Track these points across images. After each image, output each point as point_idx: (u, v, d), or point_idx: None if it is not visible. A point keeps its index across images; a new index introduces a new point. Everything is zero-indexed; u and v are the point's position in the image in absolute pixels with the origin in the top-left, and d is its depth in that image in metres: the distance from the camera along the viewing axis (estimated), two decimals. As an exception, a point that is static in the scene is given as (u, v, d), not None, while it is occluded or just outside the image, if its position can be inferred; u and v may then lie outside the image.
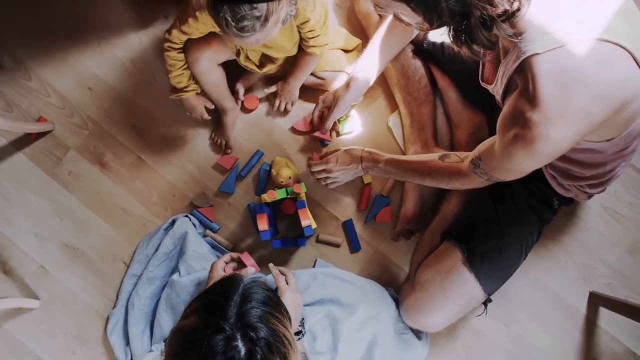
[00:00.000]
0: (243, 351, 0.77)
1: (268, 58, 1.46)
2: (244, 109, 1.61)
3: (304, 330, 1.18)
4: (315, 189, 1.58)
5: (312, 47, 1.41)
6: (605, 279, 1.54)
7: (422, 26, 0.95)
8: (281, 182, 1.51)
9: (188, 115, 1.55)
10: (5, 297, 1.51)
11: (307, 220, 1.42)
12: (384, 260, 1.57)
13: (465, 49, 0.93)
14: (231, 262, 1.39)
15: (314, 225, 1.46)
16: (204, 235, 1.57)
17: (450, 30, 0.93)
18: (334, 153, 1.45)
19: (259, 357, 0.78)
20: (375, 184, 1.58)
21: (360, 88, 1.44)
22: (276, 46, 1.39)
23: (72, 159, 1.62)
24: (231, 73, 1.54)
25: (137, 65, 1.64)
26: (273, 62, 1.47)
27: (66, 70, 1.64)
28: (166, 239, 1.53)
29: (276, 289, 1.25)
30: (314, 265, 1.56)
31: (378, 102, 1.61)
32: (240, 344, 0.78)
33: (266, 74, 1.54)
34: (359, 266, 1.57)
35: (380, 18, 1.45)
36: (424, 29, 0.97)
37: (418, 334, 1.48)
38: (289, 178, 1.52)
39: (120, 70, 1.64)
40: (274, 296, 0.90)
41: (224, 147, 1.59)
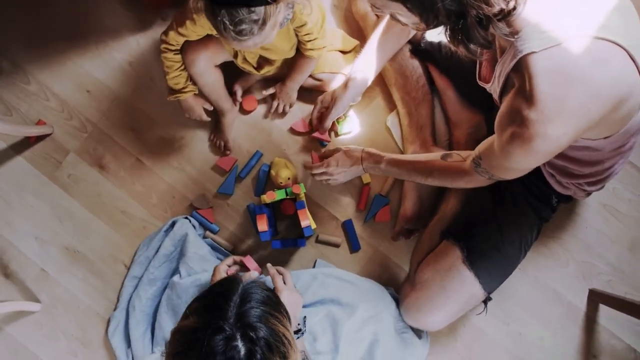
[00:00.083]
0: (243, 351, 0.78)
1: (266, 60, 1.46)
2: (242, 110, 1.61)
3: (303, 329, 1.18)
4: (314, 189, 1.58)
5: (310, 50, 1.41)
6: (604, 276, 1.54)
7: (419, 26, 0.95)
8: (280, 183, 1.52)
9: (187, 116, 1.55)
10: (6, 301, 1.51)
11: (307, 220, 1.43)
12: (383, 259, 1.58)
13: (462, 48, 0.94)
14: (234, 265, 1.39)
15: (313, 226, 1.46)
16: (204, 237, 1.58)
17: (447, 30, 0.93)
18: (334, 155, 1.45)
19: (258, 357, 0.78)
20: (374, 183, 1.58)
21: (358, 88, 1.44)
22: (274, 48, 1.39)
23: (72, 162, 1.62)
24: (229, 74, 1.54)
25: (136, 68, 1.64)
26: (271, 64, 1.47)
27: (65, 73, 1.65)
28: (166, 240, 1.53)
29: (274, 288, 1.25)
30: (314, 266, 1.56)
31: (376, 102, 1.61)
32: (240, 343, 0.78)
33: (264, 76, 1.55)
34: (359, 266, 1.57)
35: (377, 18, 1.45)
36: (420, 29, 0.97)
37: (418, 333, 1.48)
38: (288, 179, 1.52)
39: (118, 73, 1.64)
40: (274, 296, 0.90)
41: (223, 149, 1.59)
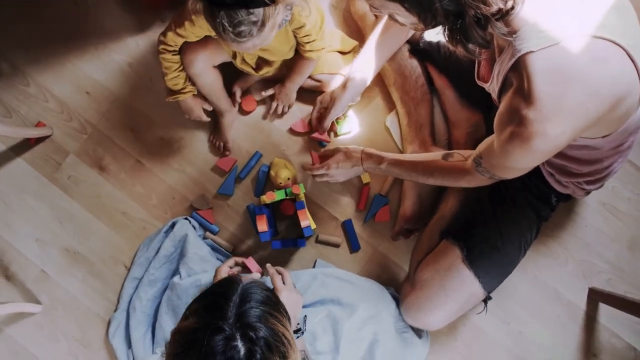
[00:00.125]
0: (242, 351, 0.78)
1: (264, 61, 1.46)
2: (241, 111, 1.61)
3: (304, 328, 1.18)
4: (314, 189, 1.58)
5: (309, 52, 1.41)
6: (604, 274, 1.54)
7: (417, 26, 0.95)
8: (280, 183, 1.52)
9: (186, 117, 1.55)
10: (6, 302, 1.51)
11: (307, 220, 1.43)
12: (383, 259, 1.58)
13: (461, 48, 0.94)
14: (235, 267, 1.39)
15: (313, 226, 1.46)
16: (204, 238, 1.58)
17: (445, 30, 0.93)
18: (334, 157, 1.44)
19: (258, 357, 0.78)
20: (373, 183, 1.58)
21: (357, 88, 1.44)
22: (272, 49, 1.39)
23: (72, 164, 1.63)
24: (228, 75, 1.54)
25: (135, 69, 1.64)
26: (270, 65, 1.47)
27: (64, 75, 1.65)
28: (166, 241, 1.53)
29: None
30: (314, 266, 1.56)
31: (375, 102, 1.61)
32: (239, 343, 0.78)
33: (263, 77, 1.55)
34: (358, 266, 1.58)
35: (376, 19, 1.45)
36: (418, 29, 0.97)
37: (419, 332, 1.48)
38: (288, 179, 1.52)
39: (118, 74, 1.64)
40: (273, 296, 0.90)
41: (223, 149, 1.59)
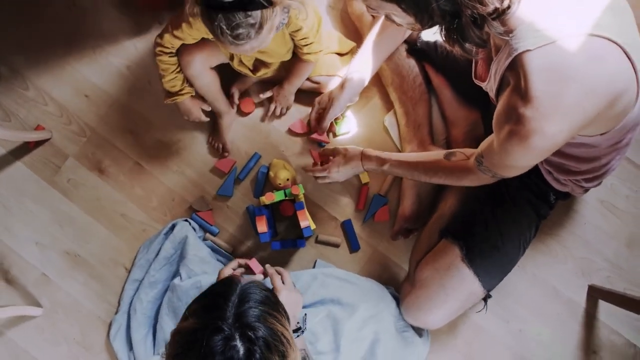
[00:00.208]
0: (242, 351, 0.78)
1: (262, 62, 1.46)
2: (240, 112, 1.62)
3: (304, 327, 1.18)
4: (313, 190, 1.58)
5: (307, 55, 1.41)
6: (603, 272, 1.55)
7: (414, 26, 0.95)
8: (279, 184, 1.52)
9: (185, 119, 1.55)
10: (7, 306, 1.51)
11: (306, 221, 1.43)
12: (383, 259, 1.58)
13: (458, 47, 0.94)
14: (238, 268, 1.38)
15: (313, 226, 1.47)
16: (204, 239, 1.58)
17: (442, 30, 0.93)
18: (334, 161, 1.43)
19: (257, 356, 0.78)
20: (372, 183, 1.59)
21: (355, 88, 1.44)
22: (270, 52, 1.39)
23: (71, 167, 1.63)
24: (226, 77, 1.54)
25: (133, 72, 1.65)
26: (267, 67, 1.47)
27: (63, 78, 1.65)
28: (166, 243, 1.53)
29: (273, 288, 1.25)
30: (314, 266, 1.56)
31: (373, 102, 1.62)
32: (238, 343, 0.78)
33: (261, 78, 1.55)
34: (358, 266, 1.58)
35: (373, 19, 1.46)
36: (415, 29, 0.97)
37: (419, 331, 1.48)
38: (287, 180, 1.52)
39: (116, 77, 1.65)
40: (272, 296, 0.91)
41: (221, 151, 1.59)
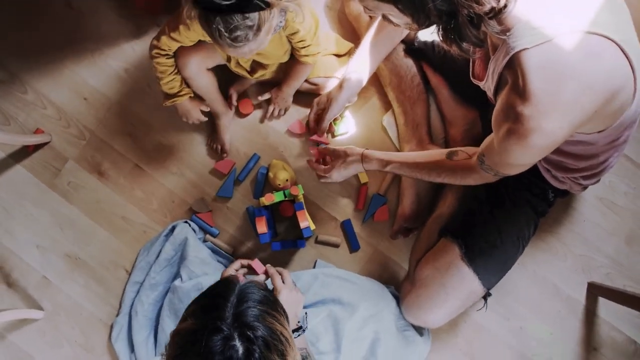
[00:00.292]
0: (241, 350, 0.78)
1: (259, 64, 1.46)
2: (238, 114, 1.62)
3: (304, 326, 1.18)
4: (312, 190, 1.59)
5: (305, 57, 1.41)
6: (603, 269, 1.55)
7: (411, 26, 0.95)
8: (279, 185, 1.52)
9: (184, 120, 1.55)
10: (9, 309, 1.51)
11: (306, 221, 1.43)
12: (383, 258, 1.58)
13: (455, 47, 0.94)
14: (241, 270, 1.38)
15: (312, 227, 1.47)
16: (204, 240, 1.58)
17: (439, 29, 0.93)
18: (335, 166, 1.40)
19: (257, 356, 0.78)
20: (371, 183, 1.59)
21: (353, 88, 1.45)
22: (267, 54, 1.39)
23: (71, 170, 1.63)
24: (225, 78, 1.54)
25: (132, 74, 1.65)
26: (264, 68, 1.47)
27: (61, 81, 1.65)
28: (167, 245, 1.54)
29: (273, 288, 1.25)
30: (314, 266, 1.57)
31: (372, 102, 1.62)
32: (238, 343, 0.78)
33: (258, 80, 1.55)
34: (358, 265, 1.58)
35: (370, 19, 1.46)
36: (412, 29, 0.98)
37: (420, 330, 1.49)
38: (286, 180, 1.53)
39: (114, 80, 1.65)
40: (271, 295, 0.91)
41: (220, 152, 1.60)
